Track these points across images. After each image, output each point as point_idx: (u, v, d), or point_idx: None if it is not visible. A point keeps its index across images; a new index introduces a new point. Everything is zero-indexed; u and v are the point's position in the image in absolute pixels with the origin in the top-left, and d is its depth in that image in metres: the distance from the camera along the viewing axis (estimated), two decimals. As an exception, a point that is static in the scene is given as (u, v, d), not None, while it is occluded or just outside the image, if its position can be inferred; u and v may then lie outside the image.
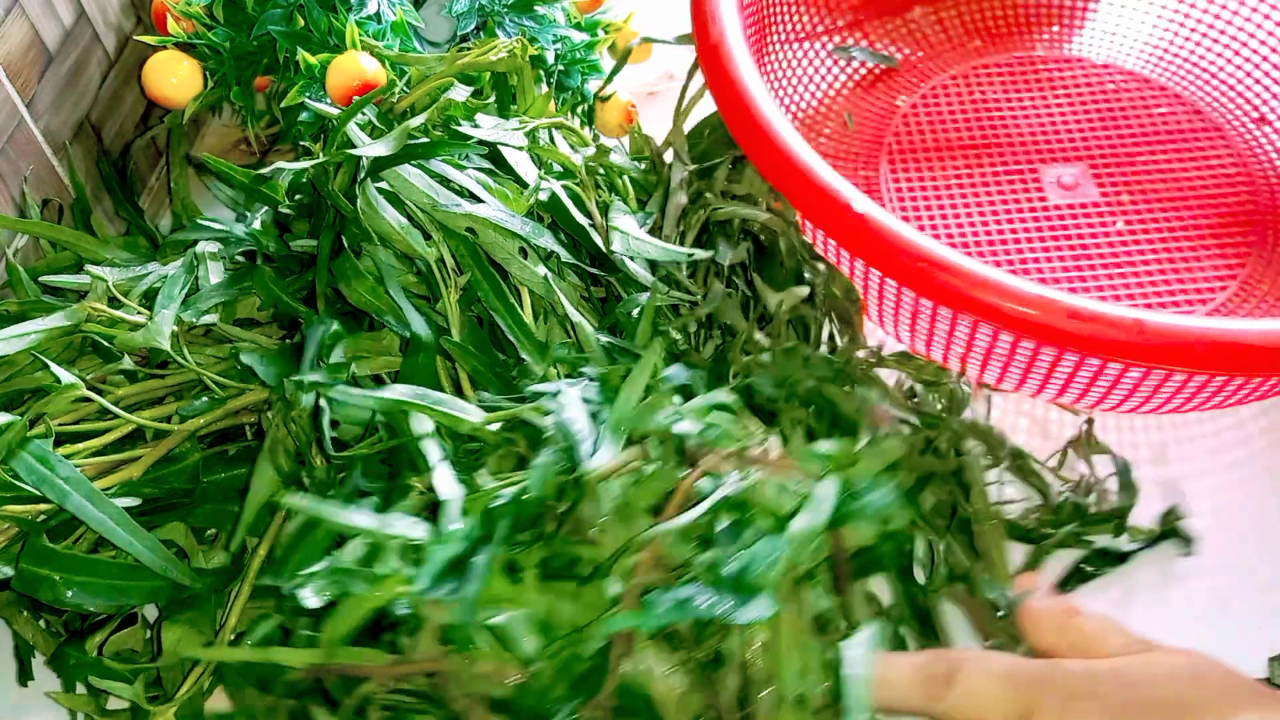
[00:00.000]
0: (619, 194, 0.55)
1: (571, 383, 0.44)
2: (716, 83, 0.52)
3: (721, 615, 0.36)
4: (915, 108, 0.69)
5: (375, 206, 0.46)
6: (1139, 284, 0.60)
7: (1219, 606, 0.50)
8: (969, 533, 0.47)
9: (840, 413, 0.47)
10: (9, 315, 0.47)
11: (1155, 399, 0.50)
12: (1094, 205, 0.64)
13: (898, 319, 0.53)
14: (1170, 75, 0.71)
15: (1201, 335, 0.42)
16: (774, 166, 0.49)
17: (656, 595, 0.37)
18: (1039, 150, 0.67)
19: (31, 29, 0.54)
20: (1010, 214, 0.64)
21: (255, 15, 0.58)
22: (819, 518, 0.39)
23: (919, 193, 0.65)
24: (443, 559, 0.36)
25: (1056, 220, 0.63)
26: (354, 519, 0.38)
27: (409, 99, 0.52)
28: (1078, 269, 0.61)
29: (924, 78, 0.71)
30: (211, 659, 0.42)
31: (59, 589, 0.39)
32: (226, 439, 0.48)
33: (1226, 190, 0.65)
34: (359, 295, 0.45)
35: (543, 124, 0.53)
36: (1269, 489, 0.54)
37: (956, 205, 0.64)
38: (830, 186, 0.47)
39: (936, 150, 0.67)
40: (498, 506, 0.38)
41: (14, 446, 0.39)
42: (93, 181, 0.60)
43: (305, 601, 0.36)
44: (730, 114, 0.51)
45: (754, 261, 0.54)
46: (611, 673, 0.37)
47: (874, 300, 0.54)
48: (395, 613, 0.37)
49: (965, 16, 0.73)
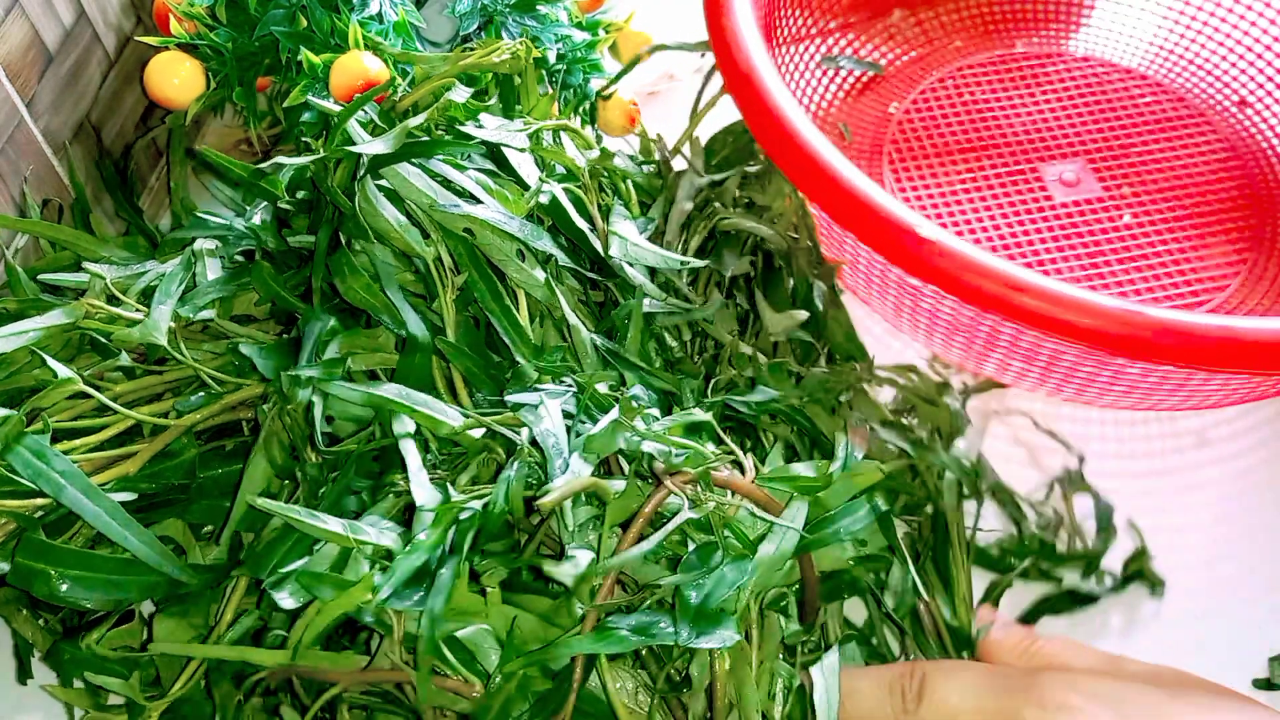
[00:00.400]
0: (622, 198, 0.55)
1: (556, 392, 0.43)
2: (766, 131, 0.50)
3: (683, 642, 0.36)
4: (909, 113, 0.69)
5: (374, 203, 0.46)
6: (1154, 275, 0.61)
7: (1219, 607, 0.50)
8: (940, 561, 0.47)
9: (820, 432, 0.47)
10: (7, 313, 0.47)
11: (1188, 397, 0.51)
12: (1098, 200, 0.65)
13: (916, 319, 0.53)
14: (1152, 66, 0.71)
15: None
16: (836, 202, 0.47)
17: (618, 619, 0.37)
18: (1035, 148, 0.67)
19: (31, 29, 0.54)
20: (1020, 213, 0.64)
21: (258, 16, 0.58)
22: (787, 543, 0.39)
23: (926, 198, 0.65)
24: (408, 569, 0.36)
25: (1065, 217, 0.64)
26: (325, 524, 0.37)
27: (411, 98, 0.52)
28: (1093, 265, 0.61)
29: (912, 83, 0.71)
30: (189, 654, 0.42)
31: (55, 584, 0.39)
32: (223, 435, 0.48)
33: (1223, 176, 0.66)
34: (354, 292, 0.45)
35: (547, 125, 0.53)
36: (1268, 488, 0.54)
37: (965, 208, 0.64)
38: (898, 217, 0.45)
39: (936, 155, 0.67)
40: (464, 519, 0.38)
41: (10, 441, 0.39)
42: (93, 182, 0.60)
43: (281, 602, 0.36)
44: (781, 153, 0.49)
45: (759, 277, 0.54)
46: (572, 692, 0.36)
47: (886, 297, 0.54)
48: (363, 618, 0.37)
49: (943, 18, 0.74)
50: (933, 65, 0.72)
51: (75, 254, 0.54)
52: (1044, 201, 0.64)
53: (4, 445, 0.39)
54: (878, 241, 0.46)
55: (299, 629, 0.38)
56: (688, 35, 0.59)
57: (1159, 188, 0.65)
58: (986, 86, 0.71)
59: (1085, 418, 0.56)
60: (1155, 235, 0.63)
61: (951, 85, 0.71)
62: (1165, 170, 0.66)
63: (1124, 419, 0.56)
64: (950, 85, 0.71)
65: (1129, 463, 0.54)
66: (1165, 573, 0.50)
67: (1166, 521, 0.52)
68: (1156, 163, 0.66)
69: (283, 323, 0.50)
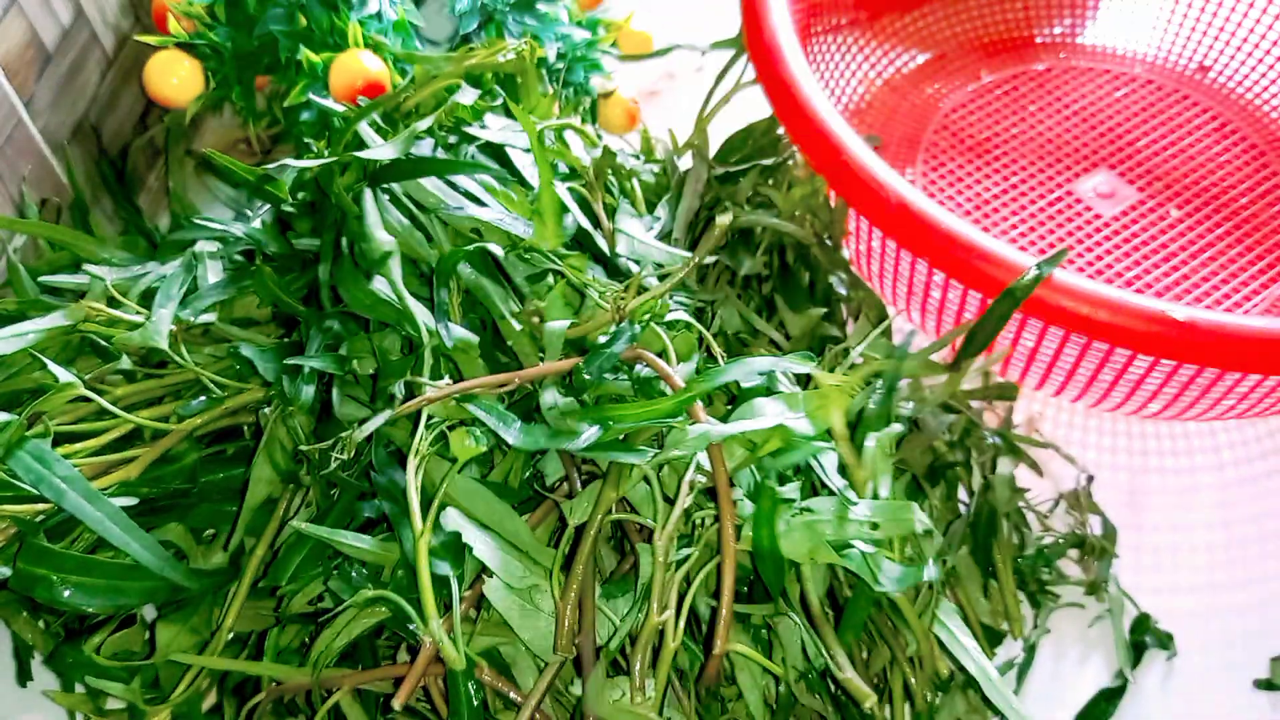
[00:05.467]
0: (628, 196, 0.55)
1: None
2: (820, 156, 0.51)
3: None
4: (937, 132, 0.70)
5: (381, 207, 0.46)
6: (1203, 277, 0.61)
7: (1220, 607, 0.50)
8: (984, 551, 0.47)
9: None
10: (7, 315, 0.47)
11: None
12: (1135, 207, 0.65)
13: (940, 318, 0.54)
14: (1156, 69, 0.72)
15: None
16: (909, 230, 0.48)
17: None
18: (1062, 162, 0.68)
19: (30, 28, 0.54)
20: (1067, 228, 0.64)
21: (257, 15, 0.58)
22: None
23: (962, 216, 0.65)
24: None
25: (1120, 228, 0.64)
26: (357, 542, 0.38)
27: (414, 98, 0.52)
28: (1146, 271, 0.62)
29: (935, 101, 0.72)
30: (196, 664, 0.41)
31: (56, 589, 0.39)
32: (224, 439, 0.47)
33: (1245, 167, 0.67)
34: (359, 300, 0.45)
35: (552, 125, 0.52)
36: (1268, 488, 0.54)
37: (1007, 231, 0.64)
38: (987, 249, 0.46)
39: (969, 174, 0.67)
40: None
41: (12, 445, 0.39)
42: (91, 181, 0.60)
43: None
44: (833, 173, 0.51)
45: (776, 276, 0.54)
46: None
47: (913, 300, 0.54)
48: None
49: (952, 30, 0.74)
50: (955, 81, 0.73)
51: (74, 254, 0.53)
52: (1090, 214, 0.65)
53: (5, 450, 0.38)
54: (941, 259, 0.47)
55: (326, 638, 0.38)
56: (687, 35, 0.59)
57: (1183, 186, 0.66)
58: (1002, 101, 0.71)
59: (1086, 416, 0.56)
60: (1197, 237, 0.63)
61: (971, 103, 0.72)
62: (1190, 171, 0.67)
63: (1124, 416, 0.56)
64: (972, 102, 0.72)
65: (1129, 460, 0.54)
66: (1166, 572, 0.50)
67: (1167, 521, 0.52)
68: (1181, 163, 0.67)
69: (284, 326, 0.49)
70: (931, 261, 0.48)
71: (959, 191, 0.66)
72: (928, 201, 0.47)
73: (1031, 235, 0.63)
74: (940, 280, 0.51)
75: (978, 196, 0.66)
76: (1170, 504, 0.53)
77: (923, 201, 0.47)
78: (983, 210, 0.65)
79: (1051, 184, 0.66)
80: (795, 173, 0.56)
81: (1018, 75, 0.72)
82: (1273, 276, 0.61)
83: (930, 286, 0.52)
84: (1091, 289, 0.44)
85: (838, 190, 0.50)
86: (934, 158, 0.68)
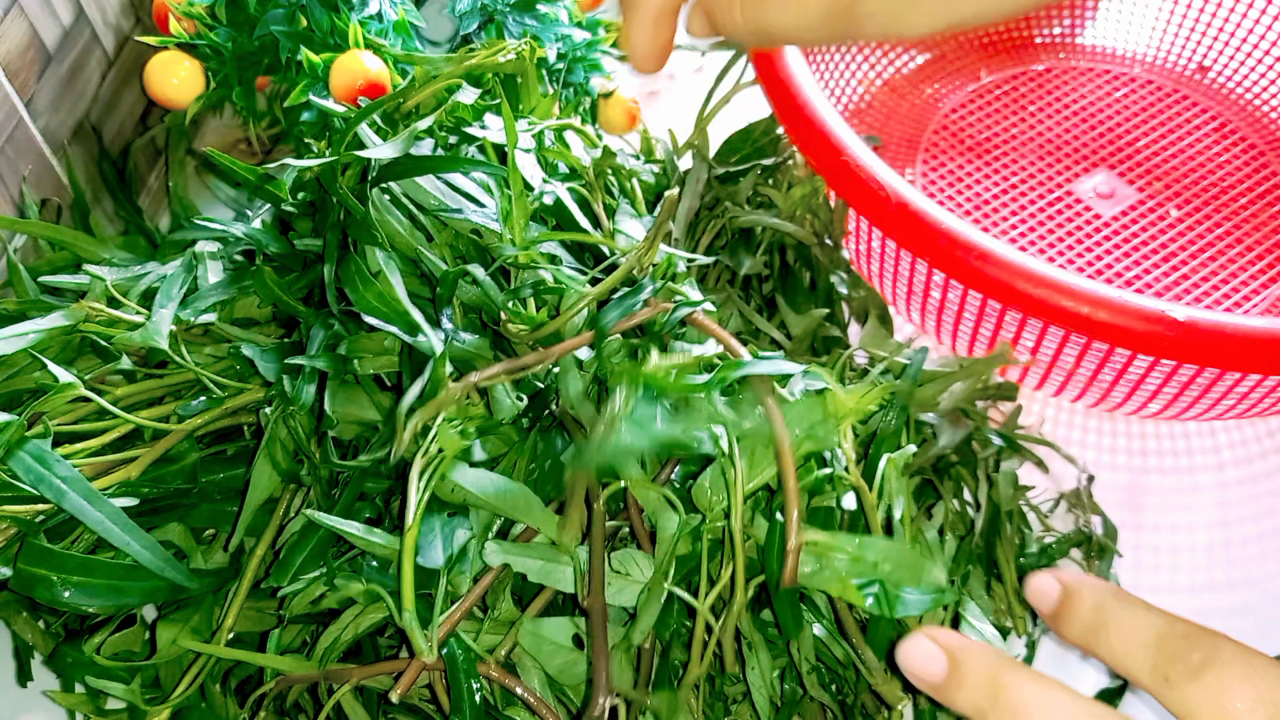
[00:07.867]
0: (628, 196, 0.55)
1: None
2: (820, 156, 0.51)
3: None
4: (937, 132, 0.69)
5: (383, 208, 0.46)
6: (1203, 277, 0.61)
7: (1220, 607, 0.50)
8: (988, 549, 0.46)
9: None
10: (8, 315, 0.47)
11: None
12: (1134, 207, 0.65)
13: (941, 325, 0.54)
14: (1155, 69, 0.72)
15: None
16: (911, 230, 0.48)
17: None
18: (1062, 162, 0.68)
19: (30, 28, 0.54)
20: (1067, 228, 0.64)
21: (257, 15, 0.58)
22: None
23: (962, 216, 0.65)
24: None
25: (1120, 228, 0.64)
26: (370, 536, 0.38)
27: (415, 99, 0.52)
28: (1146, 271, 0.62)
29: (934, 101, 0.71)
30: (202, 651, 0.41)
31: (56, 589, 0.39)
32: (225, 439, 0.47)
33: (1245, 167, 0.67)
34: (367, 302, 0.45)
35: (552, 125, 0.52)
36: (1268, 488, 0.54)
37: (1007, 231, 0.64)
38: (987, 249, 0.46)
39: (969, 174, 0.67)
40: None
41: (12, 446, 0.39)
42: (92, 181, 0.60)
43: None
44: (833, 173, 0.50)
45: (776, 276, 0.54)
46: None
47: (914, 303, 0.54)
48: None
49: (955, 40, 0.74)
50: (955, 82, 0.73)
51: (74, 254, 0.53)
52: (1090, 214, 0.65)
53: (5, 450, 0.38)
54: (946, 262, 0.47)
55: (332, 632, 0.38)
56: (687, 35, 0.59)
57: (1182, 185, 0.66)
58: (1000, 102, 0.72)
59: (1086, 416, 0.56)
60: (1196, 236, 0.63)
61: (970, 103, 0.72)
62: (1187, 169, 0.67)
63: (1124, 416, 0.56)
64: (969, 103, 0.72)
65: (1129, 460, 0.54)
66: (1166, 572, 0.50)
67: (1167, 521, 0.52)
68: (1178, 162, 0.67)
69: (284, 326, 0.49)
70: (931, 261, 0.48)
71: (959, 191, 0.66)
72: (927, 201, 0.47)
73: (1031, 235, 0.64)
74: (940, 280, 0.51)
75: (977, 196, 0.66)
76: (1170, 504, 0.53)
77: (922, 201, 0.47)
78: (983, 210, 0.65)
79: (1051, 184, 0.66)
80: (795, 173, 0.56)
81: (1017, 75, 0.73)
82: (1273, 276, 0.61)
83: (930, 286, 0.52)
84: (1091, 289, 0.44)
85: (837, 190, 0.50)
86: (934, 158, 0.68)
